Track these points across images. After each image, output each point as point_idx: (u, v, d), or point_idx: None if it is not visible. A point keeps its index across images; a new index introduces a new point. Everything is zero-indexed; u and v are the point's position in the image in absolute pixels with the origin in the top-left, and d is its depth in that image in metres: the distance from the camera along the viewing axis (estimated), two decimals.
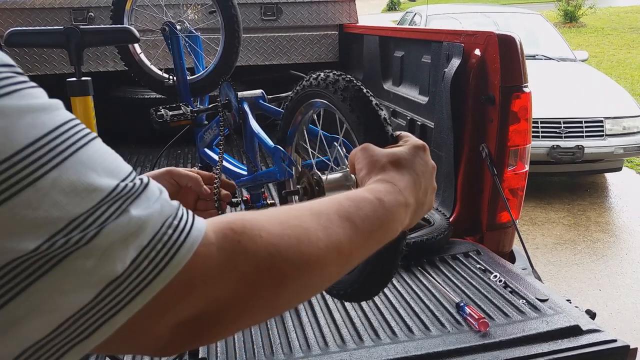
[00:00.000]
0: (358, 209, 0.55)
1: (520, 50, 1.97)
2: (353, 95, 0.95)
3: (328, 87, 1.00)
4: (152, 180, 0.42)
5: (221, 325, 0.44)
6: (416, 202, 0.65)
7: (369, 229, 0.55)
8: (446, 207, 2.20)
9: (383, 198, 0.59)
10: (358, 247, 0.54)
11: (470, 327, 1.46)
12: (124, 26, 2.48)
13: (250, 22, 3.64)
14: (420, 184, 0.66)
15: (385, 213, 0.58)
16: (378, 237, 0.57)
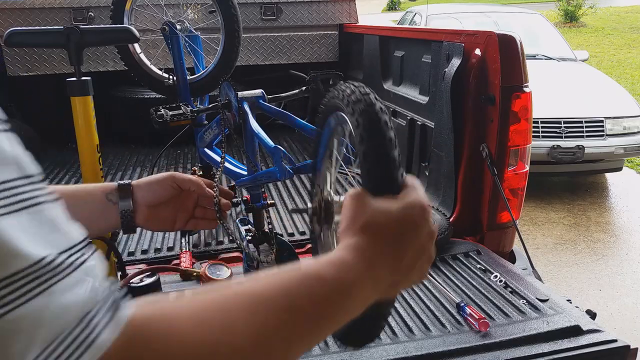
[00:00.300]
0: (308, 295, 0.49)
1: (520, 50, 1.97)
2: (366, 122, 0.74)
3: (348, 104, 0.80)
4: (98, 256, 0.39)
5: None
6: (393, 274, 0.57)
7: (315, 319, 0.49)
8: (446, 207, 2.20)
9: (343, 277, 0.52)
10: (298, 340, 0.48)
11: (471, 327, 1.46)
12: (124, 26, 2.48)
13: (250, 22, 3.63)
14: (402, 254, 0.58)
15: (341, 296, 0.52)
16: (328, 324, 0.52)
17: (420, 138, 2.59)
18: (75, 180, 2.89)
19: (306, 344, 0.50)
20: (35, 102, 3.47)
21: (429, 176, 2.45)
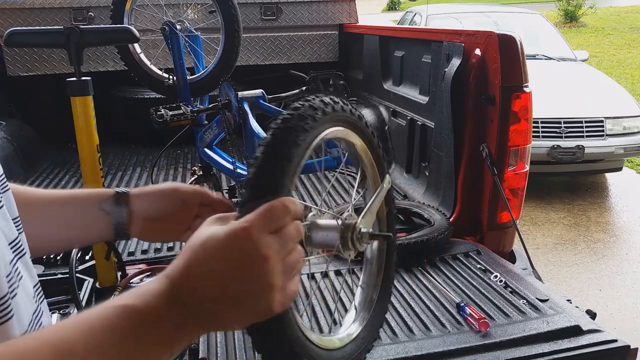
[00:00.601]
0: (110, 338, 0.48)
1: (520, 50, 1.97)
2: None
3: None
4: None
5: None
6: (216, 303, 0.53)
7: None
8: (446, 207, 2.20)
9: (143, 310, 0.50)
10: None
11: (471, 327, 1.46)
12: (124, 26, 2.48)
13: (250, 22, 3.63)
14: (216, 277, 0.53)
15: (140, 327, 0.50)
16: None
17: (420, 138, 2.59)
18: (75, 180, 2.90)
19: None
20: (35, 102, 3.47)
21: (429, 176, 2.45)
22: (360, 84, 3.52)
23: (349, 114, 0.85)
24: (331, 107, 0.79)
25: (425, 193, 2.44)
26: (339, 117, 0.82)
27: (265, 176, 0.66)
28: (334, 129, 0.82)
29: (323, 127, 0.78)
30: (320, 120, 0.76)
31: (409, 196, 2.53)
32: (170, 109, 1.84)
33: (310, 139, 0.74)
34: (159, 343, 0.51)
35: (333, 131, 0.81)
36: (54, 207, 0.81)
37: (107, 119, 3.33)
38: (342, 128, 0.84)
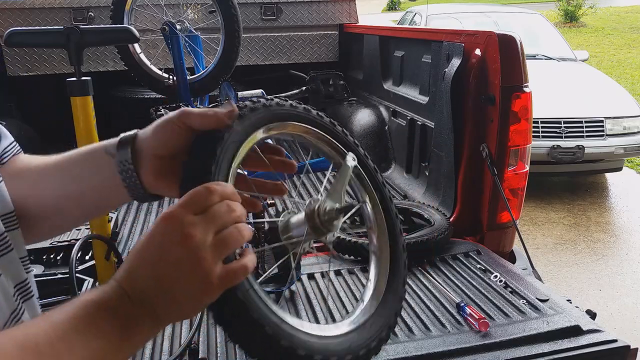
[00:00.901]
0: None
1: (520, 50, 1.97)
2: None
3: None
4: None
5: None
6: (145, 293, 0.55)
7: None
8: (446, 207, 2.20)
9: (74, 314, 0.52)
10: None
11: (471, 327, 1.46)
12: (124, 26, 2.48)
13: (250, 22, 3.63)
14: (150, 267, 0.55)
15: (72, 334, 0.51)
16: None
17: (420, 138, 2.59)
18: None
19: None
20: (35, 102, 3.47)
21: (429, 176, 2.45)
22: (360, 84, 3.52)
23: (276, 107, 0.82)
24: (262, 105, 0.79)
25: (425, 193, 2.44)
26: (271, 114, 0.81)
27: (192, 166, 0.67)
28: (268, 126, 0.80)
29: (251, 127, 0.77)
30: (251, 117, 0.75)
31: (409, 196, 2.53)
32: (170, 109, 1.84)
33: (242, 136, 0.74)
34: (118, 336, 0.53)
35: (265, 130, 0.80)
36: (61, 162, 0.77)
37: (107, 119, 3.33)
38: (277, 123, 0.83)
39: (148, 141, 0.70)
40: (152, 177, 0.70)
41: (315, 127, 0.89)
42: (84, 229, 2.11)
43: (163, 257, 0.55)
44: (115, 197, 0.73)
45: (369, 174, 0.96)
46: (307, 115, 0.87)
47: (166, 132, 0.69)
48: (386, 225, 0.97)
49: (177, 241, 0.54)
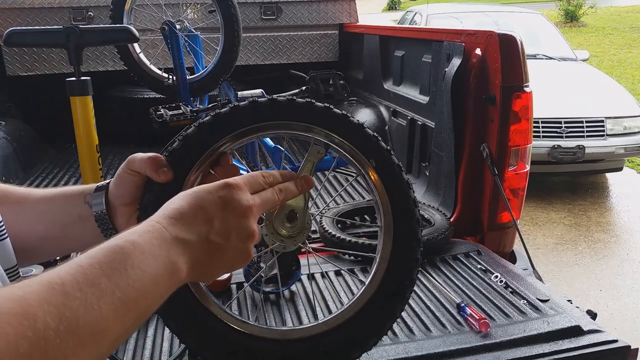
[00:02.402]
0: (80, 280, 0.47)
1: (521, 49, 1.96)
2: None
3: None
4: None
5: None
6: (199, 238, 0.57)
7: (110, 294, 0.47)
8: (447, 207, 2.19)
9: (122, 244, 0.52)
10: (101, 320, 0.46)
11: (471, 328, 1.45)
12: (124, 26, 2.48)
13: (250, 22, 3.63)
14: (208, 219, 0.58)
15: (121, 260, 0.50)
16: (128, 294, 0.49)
17: (420, 138, 2.59)
18: (75, 180, 2.89)
19: (114, 322, 0.47)
20: (35, 102, 3.47)
21: (429, 176, 2.45)
22: (361, 84, 3.52)
23: (272, 107, 0.88)
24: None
25: (426, 193, 2.43)
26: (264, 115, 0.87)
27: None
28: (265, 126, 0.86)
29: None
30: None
31: None
32: (169, 108, 1.83)
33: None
34: (151, 281, 0.52)
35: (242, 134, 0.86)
36: (41, 203, 0.79)
37: (107, 118, 3.33)
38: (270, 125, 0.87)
39: (114, 192, 0.78)
40: (124, 223, 0.77)
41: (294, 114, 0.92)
42: None
43: (223, 216, 0.59)
44: (92, 239, 0.76)
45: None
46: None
47: (123, 182, 0.78)
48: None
49: (238, 210, 0.60)
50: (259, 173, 0.67)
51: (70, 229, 0.79)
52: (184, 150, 0.81)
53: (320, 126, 0.90)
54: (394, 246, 0.95)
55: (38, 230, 0.78)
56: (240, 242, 0.60)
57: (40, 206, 0.78)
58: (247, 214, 0.61)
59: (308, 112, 0.89)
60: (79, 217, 0.78)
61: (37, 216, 0.78)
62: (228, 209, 0.60)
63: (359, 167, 0.94)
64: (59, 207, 0.79)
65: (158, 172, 0.77)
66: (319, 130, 0.90)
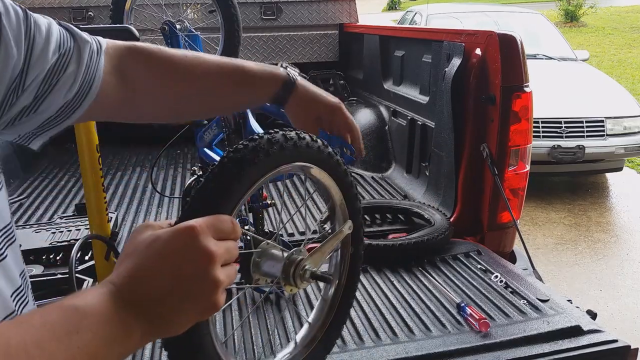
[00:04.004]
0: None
1: (521, 49, 1.96)
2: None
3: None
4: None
5: None
6: (159, 294, 0.53)
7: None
8: (447, 207, 2.19)
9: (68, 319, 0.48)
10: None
11: (471, 328, 1.46)
12: (124, 25, 2.48)
13: (250, 22, 3.63)
14: (164, 282, 0.53)
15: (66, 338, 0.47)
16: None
17: (420, 138, 2.59)
18: (75, 180, 2.89)
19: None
20: None
21: (429, 176, 2.45)
22: (361, 84, 3.52)
23: (315, 150, 0.83)
24: (293, 142, 0.78)
25: (426, 193, 2.43)
26: (302, 153, 0.81)
27: (212, 196, 0.69)
28: (295, 164, 0.81)
29: (279, 162, 0.78)
30: (275, 155, 0.76)
31: (409, 196, 2.52)
32: None
33: (261, 171, 0.75)
34: (103, 345, 0.49)
35: (293, 166, 0.81)
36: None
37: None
38: (306, 164, 0.83)
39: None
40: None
41: (335, 178, 0.90)
42: (83, 229, 2.11)
43: (181, 270, 0.53)
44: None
45: (356, 246, 0.98)
46: (332, 165, 0.88)
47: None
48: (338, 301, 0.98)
49: (199, 257, 0.54)
50: (228, 219, 0.61)
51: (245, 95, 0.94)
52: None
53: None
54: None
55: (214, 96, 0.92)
56: (204, 293, 0.54)
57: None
58: (211, 262, 0.54)
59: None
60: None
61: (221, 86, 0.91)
62: (188, 257, 0.54)
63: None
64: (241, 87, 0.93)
65: None
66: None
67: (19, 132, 0.70)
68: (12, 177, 2.89)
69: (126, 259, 0.55)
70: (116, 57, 0.79)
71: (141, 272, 0.53)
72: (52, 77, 0.68)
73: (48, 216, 2.42)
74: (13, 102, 0.65)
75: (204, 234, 0.55)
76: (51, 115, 0.71)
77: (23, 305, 0.64)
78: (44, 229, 2.12)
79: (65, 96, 0.71)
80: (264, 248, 0.78)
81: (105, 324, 0.50)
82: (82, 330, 0.48)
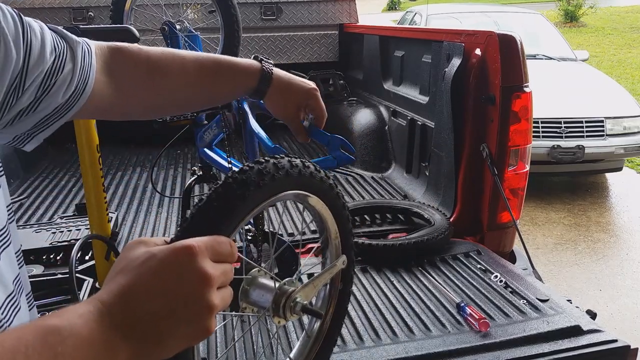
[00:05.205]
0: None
1: (520, 49, 1.97)
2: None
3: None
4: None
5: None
6: (149, 316, 0.50)
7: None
8: (447, 207, 2.20)
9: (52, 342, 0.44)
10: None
11: (471, 328, 1.46)
12: (124, 26, 2.48)
13: (250, 22, 3.63)
14: (160, 292, 0.50)
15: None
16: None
17: (420, 138, 2.59)
18: (75, 180, 2.89)
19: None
20: None
21: (429, 176, 2.45)
22: (360, 84, 3.52)
23: (317, 180, 0.83)
24: (297, 170, 0.78)
25: (426, 193, 2.43)
26: (305, 182, 0.81)
27: (213, 215, 0.67)
28: (296, 193, 0.81)
29: (283, 187, 0.77)
30: (279, 180, 0.75)
31: (409, 196, 2.52)
32: None
33: (264, 196, 0.74)
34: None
35: (295, 194, 0.81)
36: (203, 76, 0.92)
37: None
38: (306, 193, 0.83)
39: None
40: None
41: (332, 210, 0.90)
42: (83, 229, 2.11)
43: (176, 290, 0.51)
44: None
45: (346, 283, 0.98)
46: (332, 197, 0.88)
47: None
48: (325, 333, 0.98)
49: (196, 279, 0.52)
50: (227, 241, 0.58)
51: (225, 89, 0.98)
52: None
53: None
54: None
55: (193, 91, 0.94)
56: (198, 317, 0.52)
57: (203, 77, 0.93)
58: (207, 284, 0.52)
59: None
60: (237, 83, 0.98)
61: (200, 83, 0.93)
62: (184, 278, 0.51)
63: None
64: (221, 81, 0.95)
65: None
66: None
67: (15, 133, 0.71)
68: (13, 177, 2.89)
69: (117, 275, 0.52)
70: (102, 57, 0.81)
71: (133, 290, 0.50)
72: (50, 78, 0.69)
73: (48, 216, 2.42)
74: (13, 104, 0.66)
75: (202, 255, 0.53)
76: (48, 114, 0.72)
77: (15, 312, 0.63)
78: (44, 229, 2.12)
79: (64, 95, 0.72)
80: (254, 275, 0.75)
81: (89, 347, 0.46)
82: (61, 354, 0.44)
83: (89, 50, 0.77)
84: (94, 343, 0.47)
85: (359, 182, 2.76)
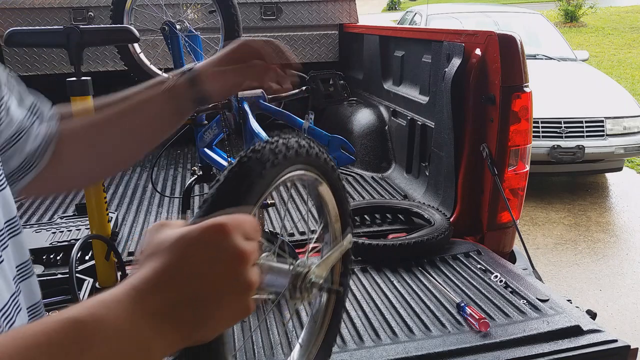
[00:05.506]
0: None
1: (520, 49, 1.97)
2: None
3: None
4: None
5: None
6: (185, 300, 0.47)
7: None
8: (447, 207, 2.20)
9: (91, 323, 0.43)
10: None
11: (471, 328, 1.46)
12: (124, 26, 2.48)
13: (250, 22, 3.63)
14: (196, 273, 0.47)
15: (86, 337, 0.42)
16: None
17: (420, 138, 2.59)
18: None
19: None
20: None
21: (429, 176, 2.45)
22: (361, 84, 3.52)
23: (322, 161, 0.85)
24: (305, 150, 0.80)
25: (426, 193, 2.43)
26: (311, 162, 0.83)
27: (232, 194, 0.67)
28: (303, 172, 0.82)
29: (291, 167, 0.78)
30: (290, 158, 0.76)
31: (409, 196, 2.52)
32: None
33: (275, 174, 0.75)
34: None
35: (301, 174, 0.82)
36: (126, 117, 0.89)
37: None
38: (311, 173, 0.85)
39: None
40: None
41: (336, 190, 0.93)
42: (84, 229, 2.11)
43: (213, 270, 0.48)
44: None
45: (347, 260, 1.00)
46: (334, 178, 0.92)
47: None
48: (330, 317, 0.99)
49: (232, 257, 0.49)
50: (251, 218, 0.55)
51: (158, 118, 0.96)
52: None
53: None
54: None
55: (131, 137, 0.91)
56: (237, 296, 0.49)
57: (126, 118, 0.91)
58: (244, 262, 0.49)
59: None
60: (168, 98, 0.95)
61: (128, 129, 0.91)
62: (221, 256, 0.48)
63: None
64: (145, 111, 0.93)
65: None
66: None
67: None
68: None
69: (148, 260, 0.49)
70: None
71: (168, 273, 0.47)
72: (20, 133, 0.71)
73: (48, 216, 2.42)
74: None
75: (235, 232, 0.50)
76: (14, 168, 0.73)
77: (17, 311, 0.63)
78: (44, 229, 2.12)
79: (30, 148, 0.73)
80: (263, 260, 0.72)
81: (117, 340, 0.44)
82: (88, 349, 0.42)
83: (55, 114, 0.79)
84: (123, 333, 0.44)
85: (359, 182, 2.76)
